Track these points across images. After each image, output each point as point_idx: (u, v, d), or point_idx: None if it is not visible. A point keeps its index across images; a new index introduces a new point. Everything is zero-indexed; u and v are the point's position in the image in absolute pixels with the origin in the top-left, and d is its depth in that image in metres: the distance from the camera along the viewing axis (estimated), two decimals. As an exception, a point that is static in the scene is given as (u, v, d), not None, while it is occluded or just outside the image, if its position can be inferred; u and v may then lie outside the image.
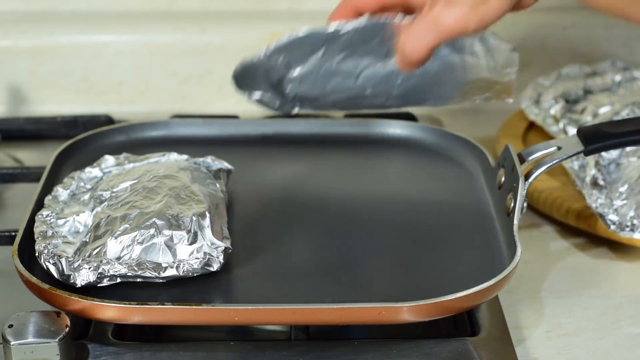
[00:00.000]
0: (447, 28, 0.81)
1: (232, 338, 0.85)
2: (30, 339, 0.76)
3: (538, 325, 0.88)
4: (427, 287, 0.81)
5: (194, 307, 0.77)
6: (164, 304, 0.77)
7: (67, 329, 0.77)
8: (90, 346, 0.80)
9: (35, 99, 1.28)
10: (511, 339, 0.82)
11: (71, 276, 0.79)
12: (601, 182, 0.99)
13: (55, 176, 0.94)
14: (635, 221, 0.95)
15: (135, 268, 0.80)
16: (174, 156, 0.96)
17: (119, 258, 0.81)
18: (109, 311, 0.77)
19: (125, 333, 0.84)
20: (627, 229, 0.95)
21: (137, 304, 0.77)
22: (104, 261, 0.80)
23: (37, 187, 0.92)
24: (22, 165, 1.14)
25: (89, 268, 0.79)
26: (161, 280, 0.80)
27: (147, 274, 0.80)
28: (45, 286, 0.78)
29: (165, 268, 0.80)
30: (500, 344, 0.82)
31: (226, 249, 0.82)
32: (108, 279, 0.80)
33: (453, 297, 0.77)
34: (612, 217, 0.95)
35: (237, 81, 0.93)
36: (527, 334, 0.86)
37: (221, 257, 0.81)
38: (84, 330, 0.82)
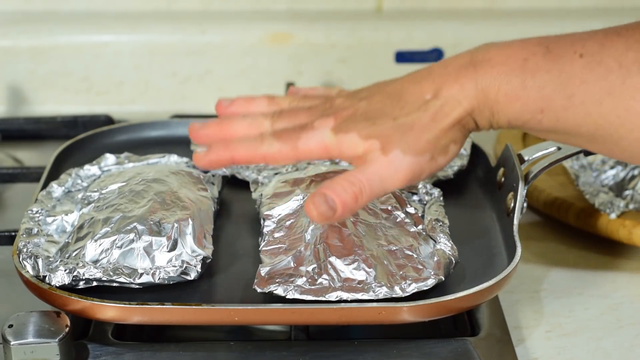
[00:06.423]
0: (396, 183, 0.73)
1: (232, 338, 0.85)
2: (30, 339, 0.76)
3: (538, 325, 0.87)
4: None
5: (194, 307, 0.77)
6: (164, 304, 0.77)
7: (67, 329, 0.77)
8: (90, 346, 0.80)
9: (35, 99, 1.28)
10: (511, 339, 0.82)
11: (47, 277, 0.79)
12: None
13: (55, 176, 0.94)
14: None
15: (111, 273, 0.78)
16: (174, 158, 0.95)
17: (96, 261, 0.80)
18: (109, 311, 0.77)
19: (125, 333, 0.84)
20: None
21: (137, 304, 0.77)
22: (80, 264, 0.79)
23: (37, 187, 0.92)
24: (22, 165, 1.14)
25: (65, 270, 0.78)
26: (137, 286, 0.79)
27: (122, 280, 0.78)
28: (45, 286, 0.78)
29: (141, 274, 0.79)
30: (500, 344, 0.82)
31: (205, 257, 0.81)
32: (84, 282, 0.78)
33: (453, 297, 0.77)
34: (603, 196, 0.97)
35: None
36: (527, 334, 0.86)
37: (199, 266, 0.80)
38: (84, 330, 0.82)
